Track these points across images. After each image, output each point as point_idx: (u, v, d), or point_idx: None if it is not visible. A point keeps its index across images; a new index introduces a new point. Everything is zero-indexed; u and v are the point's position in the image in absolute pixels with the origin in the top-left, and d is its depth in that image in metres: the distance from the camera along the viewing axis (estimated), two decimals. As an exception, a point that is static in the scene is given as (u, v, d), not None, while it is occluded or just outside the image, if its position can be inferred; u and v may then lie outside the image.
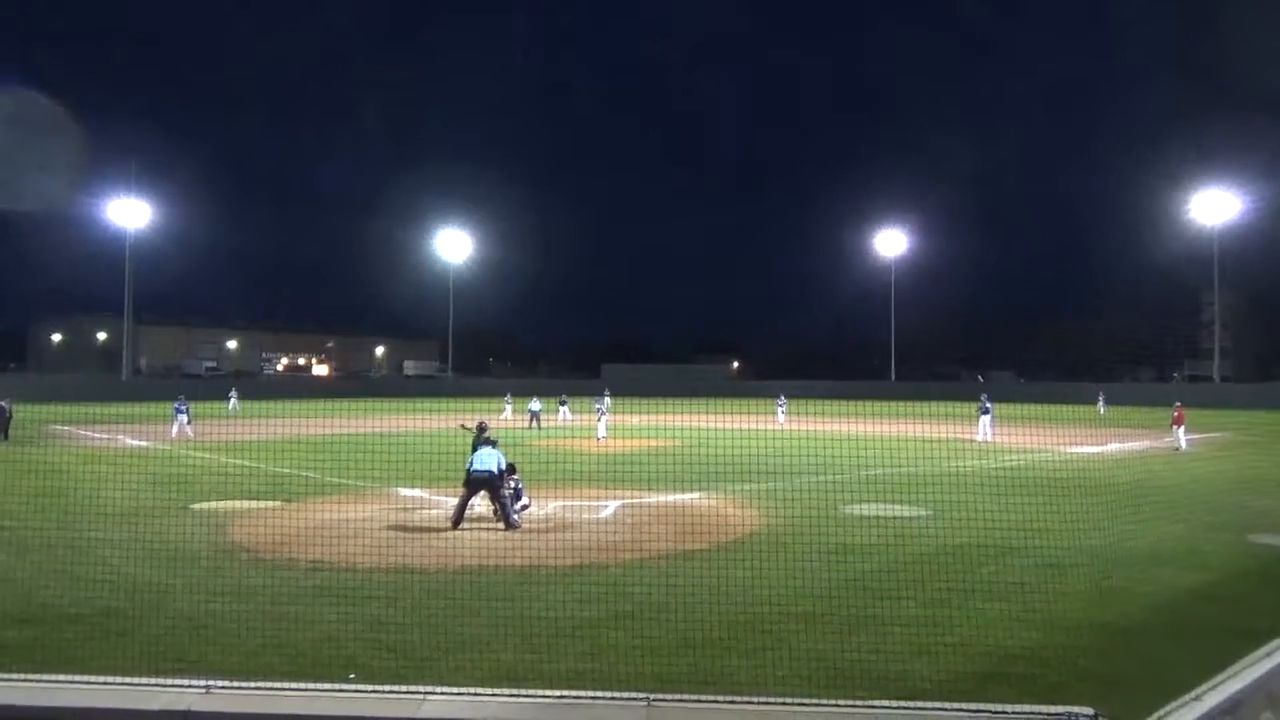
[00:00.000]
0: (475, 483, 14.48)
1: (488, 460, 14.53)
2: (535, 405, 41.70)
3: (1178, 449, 29.36)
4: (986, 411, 33.05)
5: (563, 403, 46.13)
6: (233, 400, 51.22)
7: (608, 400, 37.49)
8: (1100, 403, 52.56)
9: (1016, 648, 8.29)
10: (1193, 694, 4.91)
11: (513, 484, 14.91)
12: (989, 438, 31.98)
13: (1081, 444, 29.30)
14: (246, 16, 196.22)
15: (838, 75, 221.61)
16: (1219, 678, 5.13)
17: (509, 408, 46.96)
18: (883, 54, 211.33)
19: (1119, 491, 17.29)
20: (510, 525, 14.20)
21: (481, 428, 15.88)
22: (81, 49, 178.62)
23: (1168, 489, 18.65)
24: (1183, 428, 30.51)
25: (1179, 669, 6.69)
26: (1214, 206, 73.23)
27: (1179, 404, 31.66)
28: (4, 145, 70.22)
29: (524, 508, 15.02)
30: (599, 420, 34.41)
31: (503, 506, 14.45)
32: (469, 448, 15.57)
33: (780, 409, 44.30)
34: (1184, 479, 21.08)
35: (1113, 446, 30.12)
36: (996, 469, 23.25)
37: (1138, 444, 31.07)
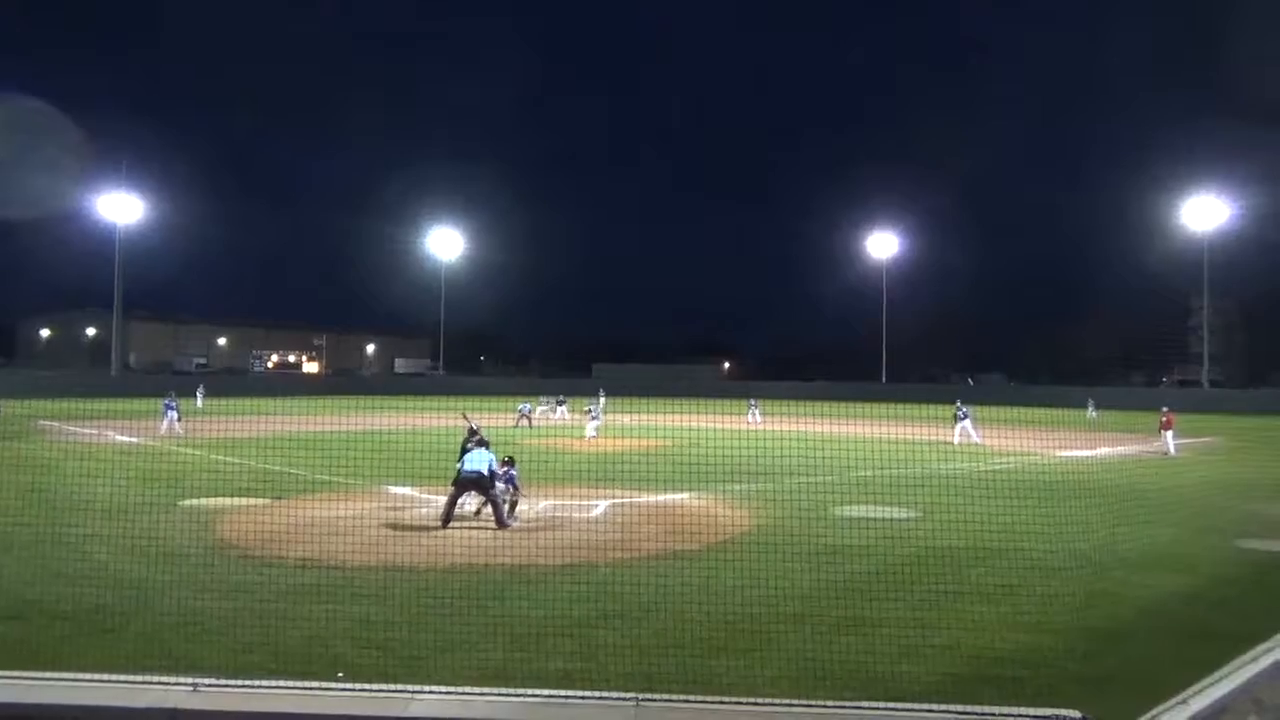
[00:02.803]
0: (464, 482, 14.47)
1: (479, 461, 14.52)
2: (527, 406, 41.72)
3: (1166, 454, 29.47)
4: (964, 417, 33.06)
5: (560, 402, 46.03)
6: (200, 397, 50.99)
7: (602, 400, 37.25)
8: (1090, 407, 52.76)
9: (1005, 650, 8.32)
10: (1179, 698, 4.93)
11: (506, 473, 14.90)
12: (977, 439, 32.00)
13: (1071, 448, 29.40)
14: (240, 12, 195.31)
15: (832, 78, 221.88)
16: (1205, 681, 5.16)
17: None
18: (877, 57, 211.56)
19: (1108, 495, 17.35)
20: (502, 525, 14.18)
21: (473, 430, 15.84)
22: (73, 44, 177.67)
23: (1156, 493, 18.71)
24: (1171, 432, 30.64)
25: (1166, 672, 6.72)
26: (1204, 212, 73.67)
27: (1167, 409, 31.78)
28: (-5, 140, 69.89)
29: (513, 504, 14.99)
30: (590, 420, 34.31)
31: (494, 506, 14.43)
32: (459, 446, 15.55)
33: (753, 409, 45.12)
34: (1172, 483, 21.15)
35: (1102, 451, 30.24)
36: (986, 472, 23.32)
37: (1127, 448, 31.20)
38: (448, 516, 14.40)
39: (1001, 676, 7.59)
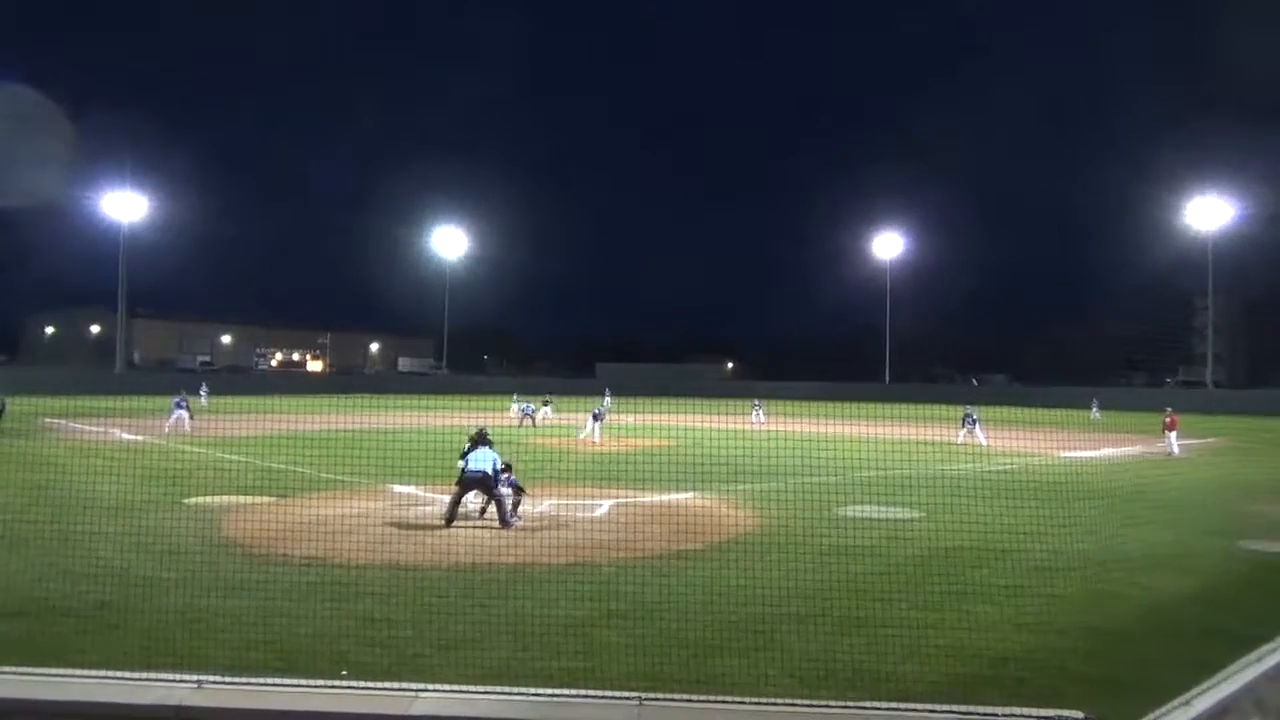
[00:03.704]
0: (469, 482, 14.49)
1: (483, 460, 14.53)
2: (530, 406, 41.73)
3: (1170, 454, 29.42)
4: (974, 422, 32.92)
5: (545, 403, 45.59)
6: (203, 395, 51.19)
7: (608, 401, 36.57)
8: (1094, 408, 52.68)
9: (1008, 650, 8.31)
10: (1182, 698, 4.94)
11: (507, 479, 14.91)
12: (982, 441, 31.94)
13: (1075, 448, 29.36)
14: (244, 10, 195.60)
15: (837, 77, 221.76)
16: (1208, 682, 5.16)
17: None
18: (881, 57, 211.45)
19: (1111, 496, 17.34)
20: (505, 524, 14.19)
21: (483, 434, 15.69)
22: (77, 41, 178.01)
23: (1159, 494, 18.69)
24: (1175, 433, 30.57)
25: (1169, 673, 6.72)
26: (1208, 213, 73.58)
27: (1171, 409, 31.71)
28: (-1, 137, 70.08)
29: (516, 502, 15.00)
30: (596, 423, 33.55)
31: (498, 505, 14.44)
32: (461, 446, 15.54)
33: (757, 410, 45.01)
34: (1176, 484, 21.12)
35: (1106, 451, 30.20)
36: (990, 472, 23.30)
37: (1131, 449, 31.15)
38: (451, 516, 14.42)
39: (1005, 677, 7.59)
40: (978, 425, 32.71)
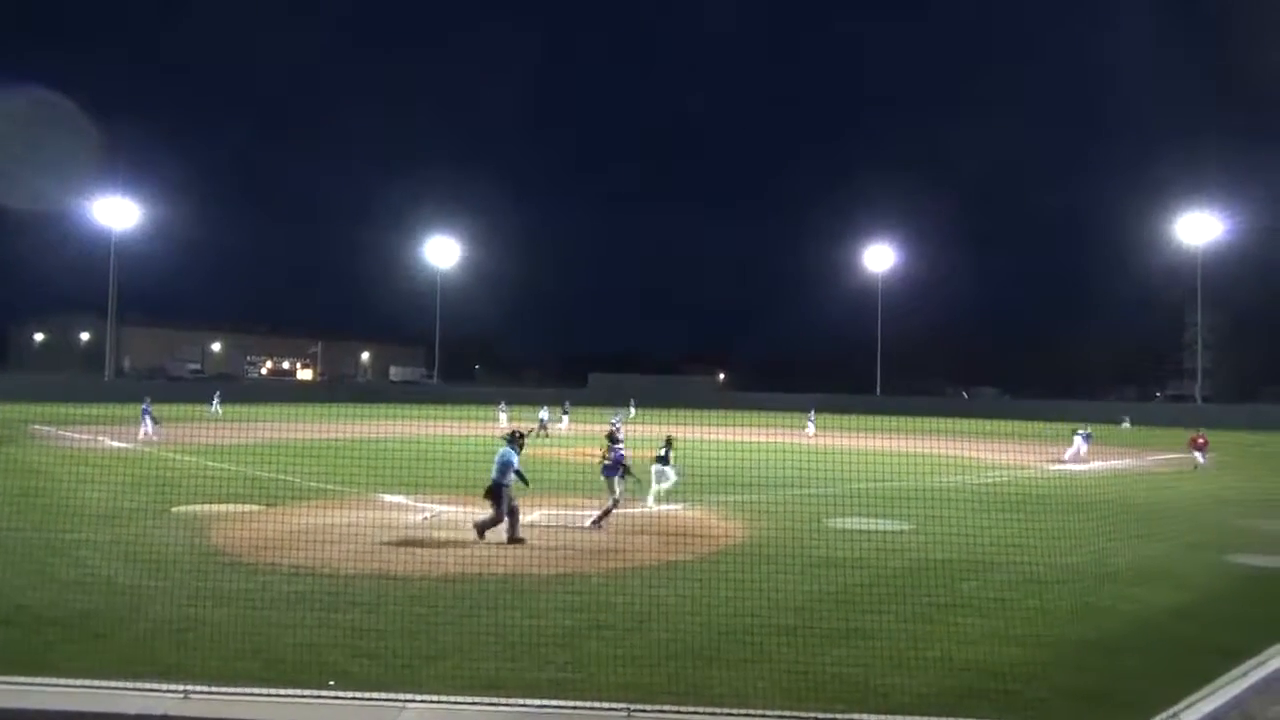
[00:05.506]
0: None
1: (495, 465, 13.89)
2: (543, 414, 41.62)
3: (1197, 467, 29.15)
4: (1087, 438, 32.44)
5: (565, 412, 45.00)
6: (215, 404, 51.34)
7: (632, 412, 35.55)
8: (1125, 421, 53.15)
9: (997, 663, 8.32)
10: (1170, 711, 4.97)
11: (614, 455, 15.61)
12: (1080, 453, 31.45)
13: (1066, 461, 29.41)
14: (238, 18, 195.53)
15: (829, 90, 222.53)
16: (1196, 696, 5.20)
17: (504, 415, 46.52)
18: (874, 71, 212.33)
19: (1101, 509, 17.39)
20: (480, 535, 13.84)
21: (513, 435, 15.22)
22: (70, 47, 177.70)
23: (1148, 507, 18.77)
24: (1203, 453, 30.15)
25: (1157, 687, 6.75)
26: (1197, 228, 74.09)
27: (1203, 430, 31.40)
28: (-9, 142, 69.91)
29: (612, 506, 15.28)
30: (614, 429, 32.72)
31: (493, 513, 14.00)
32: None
33: (810, 422, 44.42)
34: (1163, 498, 21.22)
35: (1095, 465, 30.29)
36: (979, 485, 23.34)
37: (1118, 463, 31.24)
38: (512, 534, 13.67)
39: (993, 690, 7.59)
40: (1087, 442, 32.20)
